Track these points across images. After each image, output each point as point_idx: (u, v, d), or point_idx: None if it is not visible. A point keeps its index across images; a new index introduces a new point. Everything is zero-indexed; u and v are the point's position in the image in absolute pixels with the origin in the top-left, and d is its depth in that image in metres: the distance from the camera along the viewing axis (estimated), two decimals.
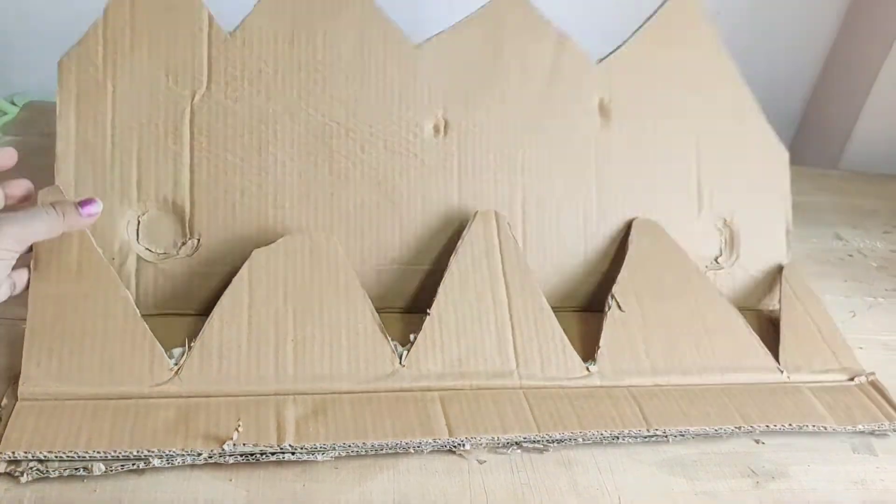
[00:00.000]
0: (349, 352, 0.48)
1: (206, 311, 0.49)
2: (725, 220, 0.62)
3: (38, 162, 0.65)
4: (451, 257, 0.52)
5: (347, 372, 0.47)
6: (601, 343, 0.53)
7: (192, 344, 0.46)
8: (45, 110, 0.73)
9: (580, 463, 0.47)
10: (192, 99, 0.51)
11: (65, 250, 0.47)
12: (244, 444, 0.42)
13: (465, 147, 0.55)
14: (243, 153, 0.51)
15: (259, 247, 0.50)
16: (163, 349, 0.46)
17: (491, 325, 0.51)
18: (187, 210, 0.51)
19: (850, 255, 0.76)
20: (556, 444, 0.47)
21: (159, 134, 0.50)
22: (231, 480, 0.42)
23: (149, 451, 0.41)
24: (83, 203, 0.45)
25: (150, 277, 0.51)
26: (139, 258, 0.50)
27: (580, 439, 0.47)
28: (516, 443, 0.47)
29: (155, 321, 0.47)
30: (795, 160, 1.04)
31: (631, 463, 0.48)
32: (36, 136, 0.69)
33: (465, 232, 0.53)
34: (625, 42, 0.61)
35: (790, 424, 0.50)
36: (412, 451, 0.45)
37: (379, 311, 0.51)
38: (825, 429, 0.51)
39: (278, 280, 0.49)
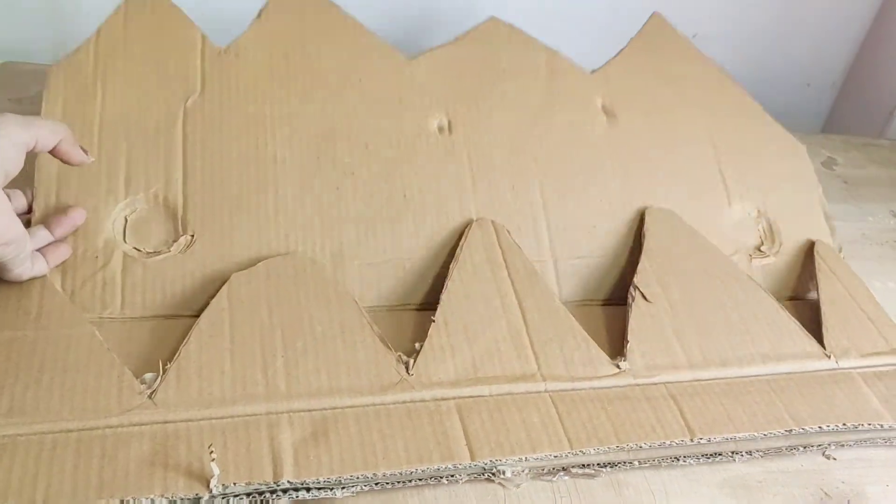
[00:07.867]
0: (348, 363, 0.42)
1: (200, 313, 0.43)
2: (759, 210, 0.60)
3: None
4: (452, 264, 0.48)
5: (348, 384, 0.41)
6: (629, 338, 0.47)
7: (167, 367, 0.39)
8: (21, 73, 0.66)
9: (630, 485, 0.41)
10: (185, 102, 0.50)
11: (24, 295, 0.42)
12: (234, 484, 0.35)
13: (473, 144, 0.54)
14: (239, 151, 0.49)
15: (259, 242, 0.47)
16: (133, 376, 0.39)
17: (503, 328, 0.46)
18: (180, 206, 0.47)
19: None
20: (607, 469, 0.41)
21: (149, 134, 0.49)
22: None
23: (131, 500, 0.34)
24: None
25: (139, 277, 0.45)
26: (126, 256, 0.45)
27: (636, 462, 0.41)
28: (563, 468, 0.40)
29: (143, 325, 0.42)
30: (838, 128, 0.98)
31: (688, 484, 0.42)
32: (8, 101, 0.62)
33: (462, 241, 0.49)
34: (613, 56, 0.63)
35: (843, 424, 0.45)
36: (433, 483, 0.39)
37: (396, 308, 0.48)
38: (881, 426, 0.45)
39: (260, 300, 0.44)
